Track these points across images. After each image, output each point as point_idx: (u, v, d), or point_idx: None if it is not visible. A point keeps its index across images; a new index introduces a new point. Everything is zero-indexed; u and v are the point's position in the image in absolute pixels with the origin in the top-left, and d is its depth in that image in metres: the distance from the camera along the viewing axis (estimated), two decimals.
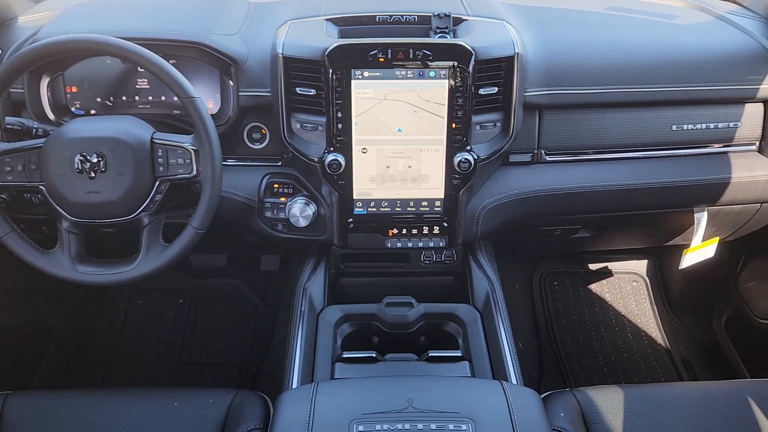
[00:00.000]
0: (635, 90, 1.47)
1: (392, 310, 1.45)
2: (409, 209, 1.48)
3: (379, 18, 1.48)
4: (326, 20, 1.48)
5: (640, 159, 1.55)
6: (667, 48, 1.53)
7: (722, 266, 2.03)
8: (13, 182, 1.27)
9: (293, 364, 1.32)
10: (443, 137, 1.40)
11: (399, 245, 1.52)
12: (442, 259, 1.59)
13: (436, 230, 1.51)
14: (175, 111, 1.47)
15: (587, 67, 1.47)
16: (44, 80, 1.40)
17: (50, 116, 1.42)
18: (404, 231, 1.51)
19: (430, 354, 1.33)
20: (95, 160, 1.23)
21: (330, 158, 1.40)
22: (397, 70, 1.35)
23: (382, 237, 1.52)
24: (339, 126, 1.38)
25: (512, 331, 1.41)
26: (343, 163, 1.41)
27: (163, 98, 1.46)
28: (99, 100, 1.46)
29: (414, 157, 1.42)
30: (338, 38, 1.42)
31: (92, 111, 1.47)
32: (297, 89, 1.37)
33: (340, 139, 1.39)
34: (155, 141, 1.27)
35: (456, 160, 1.41)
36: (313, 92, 1.36)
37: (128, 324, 2.24)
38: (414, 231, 1.51)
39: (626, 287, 2.36)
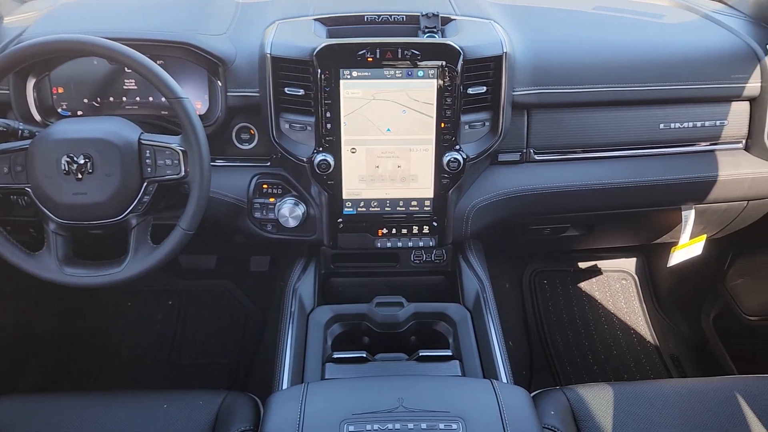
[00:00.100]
0: (623, 89, 1.48)
1: (382, 310, 1.45)
2: (399, 209, 1.48)
3: (368, 18, 1.48)
4: (314, 20, 1.48)
5: (628, 157, 1.56)
6: (655, 47, 1.54)
7: (710, 264, 2.04)
8: None
9: (283, 365, 1.32)
10: (432, 137, 1.40)
11: (389, 245, 1.52)
12: (432, 259, 1.60)
13: (426, 230, 1.51)
14: (163, 112, 1.46)
15: (575, 67, 1.48)
16: (30, 81, 1.39)
17: (36, 117, 1.41)
18: (394, 231, 1.51)
19: (421, 353, 1.33)
20: (82, 162, 1.22)
21: (319, 158, 1.39)
22: (386, 70, 1.35)
23: (372, 237, 1.52)
24: (328, 126, 1.38)
25: (502, 330, 1.42)
26: (333, 163, 1.40)
27: (151, 99, 1.46)
28: (86, 101, 1.45)
29: (403, 157, 1.42)
30: (326, 38, 1.42)
31: (79, 112, 1.46)
32: (285, 89, 1.37)
33: (329, 139, 1.39)
34: (143, 142, 1.26)
35: (445, 160, 1.41)
36: (302, 92, 1.36)
37: (117, 326, 2.23)
38: (404, 231, 1.51)
39: (615, 285, 2.38)
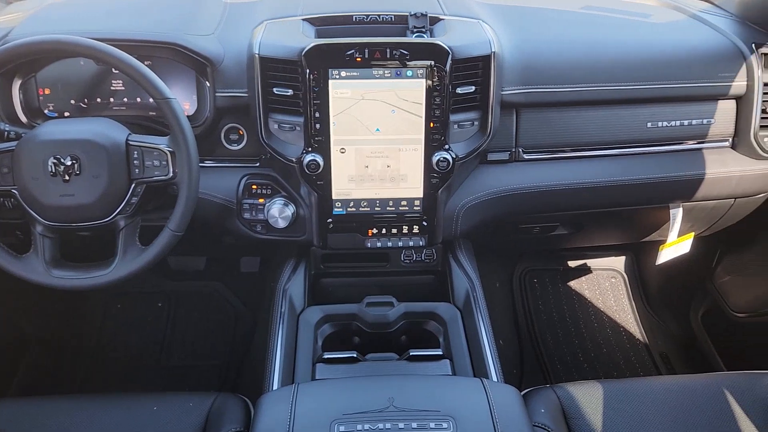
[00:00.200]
0: (610, 88, 1.49)
1: (373, 310, 1.45)
2: (389, 209, 1.48)
3: (356, 18, 1.48)
4: (303, 20, 1.47)
5: (616, 156, 1.57)
6: (642, 46, 1.55)
7: (698, 261, 2.05)
8: None
9: (274, 366, 1.31)
10: (421, 136, 1.40)
11: (379, 245, 1.52)
12: (422, 258, 1.60)
13: (416, 229, 1.51)
14: (151, 112, 1.45)
15: (563, 66, 1.48)
16: (16, 82, 1.38)
17: (22, 119, 1.40)
18: (384, 231, 1.51)
19: (411, 353, 1.33)
20: (69, 163, 1.22)
21: (308, 159, 1.39)
22: (375, 70, 1.35)
23: (362, 237, 1.52)
24: (317, 126, 1.38)
25: (493, 329, 1.42)
26: (322, 164, 1.40)
27: (139, 100, 1.45)
28: (73, 102, 1.44)
29: (392, 157, 1.42)
30: (315, 38, 1.41)
31: (66, 113, 1.44)
32: (274, 89, 1.36)
33: (318, 140, 1.39)
34: (130, 143, 1.25)
35: (434, 159, 1.41)
36: (291, 92, 1.36)
37: (106, 328, 2.21)
38: (393, 230, 1.51)
39: (605, 283, 2.39)
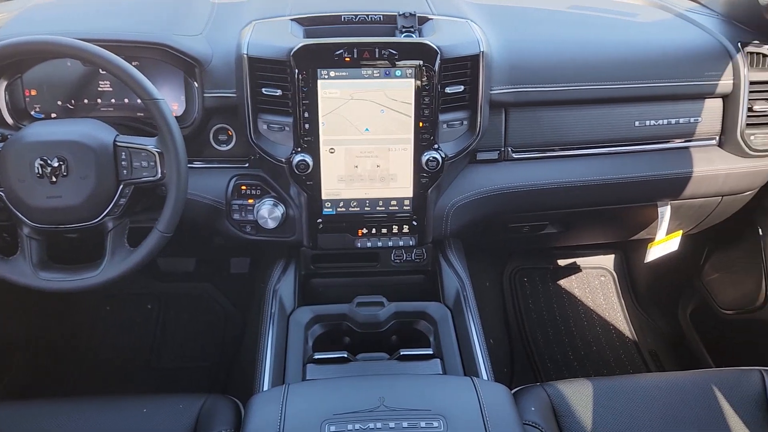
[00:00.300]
0: (598, 87, 1.49)
1: (363, 310, 1.45)
2: (379, 209, 1.48)
3: (345, 17, 1.48)
4: (291, 20, 1.47)
5: (605, 155, 1.57)
6: (630, 45, 1.56)
7: (686, 259, 2.07)
8: None
9: (264, 367, 1.31)
10: (411, 136, 1.40)
11: (369, 245, 1.52)
12: (412, 258, 1.60)
13: (406, 229, 1.51)
14: (139, 113, 1.44)
15: (551, 65, 1.49)
16: (2, 83, 1.36)
17: (8, 120, 1.38)
18: (374, 230, 1.51)
19: (402, 353, 1.33)
20: (56, 164, 1.21)
21: (297, 159, 1.39)
22: (364, 70, 1.35)
23: (352, 237, 1.52)
24: (306, 126, 1.38)
25: (483, 328, 1.42)
26: (311, 164, 1.40)
27: (126, 101, 1.44)
28: (60, 104, 1.43)
29: (382, 157, 1.42)
30: (303, 38, 1.41)
31: (53, 114, 1.43)
32: (263, 90, 1.36)
33: (308, 140, 1.39)
34: (118, 144, 1.25)
35: (424, 159, 1.41)
36: (279, 93, 1.36)
37: (95, 331, 2.20)
38: (383, 230, 1.51)
39: (594, 282, 2.40)
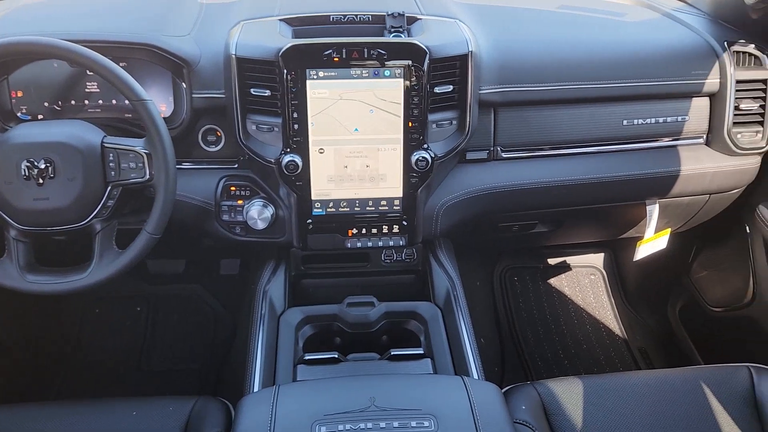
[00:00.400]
0: (586, 86, 1.50)
1: (354, 310, 1.45)
2: (368, 209, 1.48)
3: (333, 18, 1.48)
4: (280, 20, 1.47)
5: (593, 154, 1.58)
6: (617, 45, 1.57)
7: (675, 257, 2.08)
8: None
9: (254, 368, 1.30)
10: (400, 136, 1.40)
11: (359, 245, 1.52)
12: (403, 258, 1.60)
13: (396, 229, 1.51)
14: (127, 114, 1.43)
15: (539, 65, 1.49)
16: None
17: None
18: (364, 231, 1.51)
19: (392, 353, 1.33)
20: (43, 166, 1.20)
21: (287, 159, 1.39)
22: (353, 70, 1.35)
23: (342, 237, 1.51)
24: (295, 127, 1.37)
25: (473, 327, 1.42)
26: (301, 164, 1.40)
27: (114, 102, 1.43)
28: (47, 105, 1.42)
29: (371, 157, 1.42)
30: (292, 38, 1.41)
31: (40, 116, 1.42)
32: (251, 90, 1.36)
33: (297, 140, 1.39)
34: (106, 145, 1.24)
35: (413, 159, 1.41)
36: (268, 93, 1.35)
37: (84, 334, 2.18)
38: (374, 230, 1.51)
39: (584, 280, 2.41)
